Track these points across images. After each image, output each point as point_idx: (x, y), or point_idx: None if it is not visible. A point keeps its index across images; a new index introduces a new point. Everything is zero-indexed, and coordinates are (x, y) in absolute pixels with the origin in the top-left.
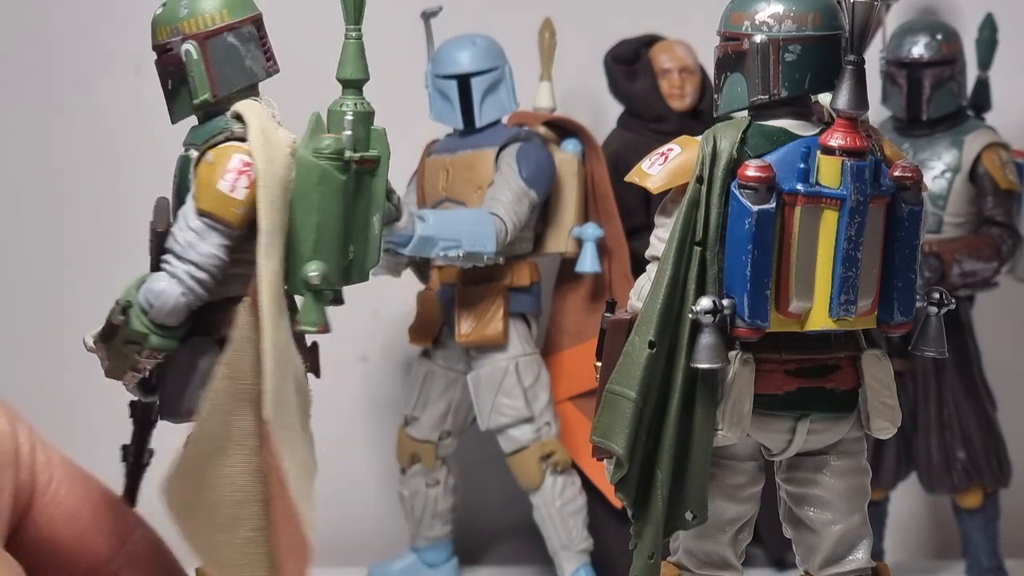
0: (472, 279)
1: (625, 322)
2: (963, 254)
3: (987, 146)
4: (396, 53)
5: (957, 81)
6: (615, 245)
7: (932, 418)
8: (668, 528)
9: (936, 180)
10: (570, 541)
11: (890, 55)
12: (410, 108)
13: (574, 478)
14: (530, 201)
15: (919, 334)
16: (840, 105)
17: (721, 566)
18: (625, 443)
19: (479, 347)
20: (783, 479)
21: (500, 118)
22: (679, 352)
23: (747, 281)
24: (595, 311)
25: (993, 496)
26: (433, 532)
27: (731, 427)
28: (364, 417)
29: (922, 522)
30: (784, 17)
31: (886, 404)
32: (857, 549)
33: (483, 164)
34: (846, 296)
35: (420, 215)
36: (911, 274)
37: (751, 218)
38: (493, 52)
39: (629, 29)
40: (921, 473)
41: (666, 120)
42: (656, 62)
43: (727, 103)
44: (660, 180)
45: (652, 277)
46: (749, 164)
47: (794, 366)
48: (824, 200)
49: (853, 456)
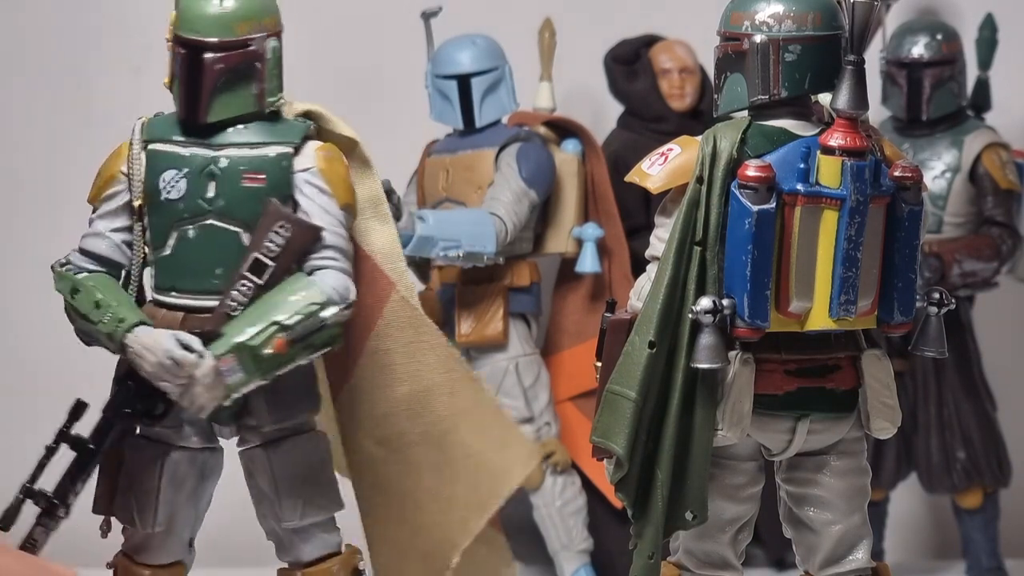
0: (472, 279)
1: (625, 322)
2: (963, 254)
3: (987, 146)
4: (396, 53)
5: (957, 81)
6: (615, 245)
7: (932, 418)
8: (668, 528)
9: (936, 180)
10: (570, 541)
11: (890, 55)
12: (410, 108)
13: (574, 478)
14: (530, 201)
15: (919, 334)
16: (840, 105)
17: (721, 566)
18: (625, 443)
19: (479, 347)
20: (783, 479)
21: (500, 118)
22: (679, 352)
23: (747, 281)
24: (595, 311)
25: (993, 496)
26: None
27: (731, 427)
28: None
29: (922, 522)
30: (784, 17)
31: (886, 404)
32: (857, 549)
33: (483, 164)
34: (846, 296)
35: (420, 215)
36: (911, 274)
37: (751, 218)
38: (493, 52)
39: (629, 29)
40: (921, 473)
41: (666, 120)
42: (656, 62)
43: (727, 103)
44: (660, 180)
45: (652, 277)
46: (749, 164)
47: (794, 366)
48: (824, 200)
49: (853, 456)
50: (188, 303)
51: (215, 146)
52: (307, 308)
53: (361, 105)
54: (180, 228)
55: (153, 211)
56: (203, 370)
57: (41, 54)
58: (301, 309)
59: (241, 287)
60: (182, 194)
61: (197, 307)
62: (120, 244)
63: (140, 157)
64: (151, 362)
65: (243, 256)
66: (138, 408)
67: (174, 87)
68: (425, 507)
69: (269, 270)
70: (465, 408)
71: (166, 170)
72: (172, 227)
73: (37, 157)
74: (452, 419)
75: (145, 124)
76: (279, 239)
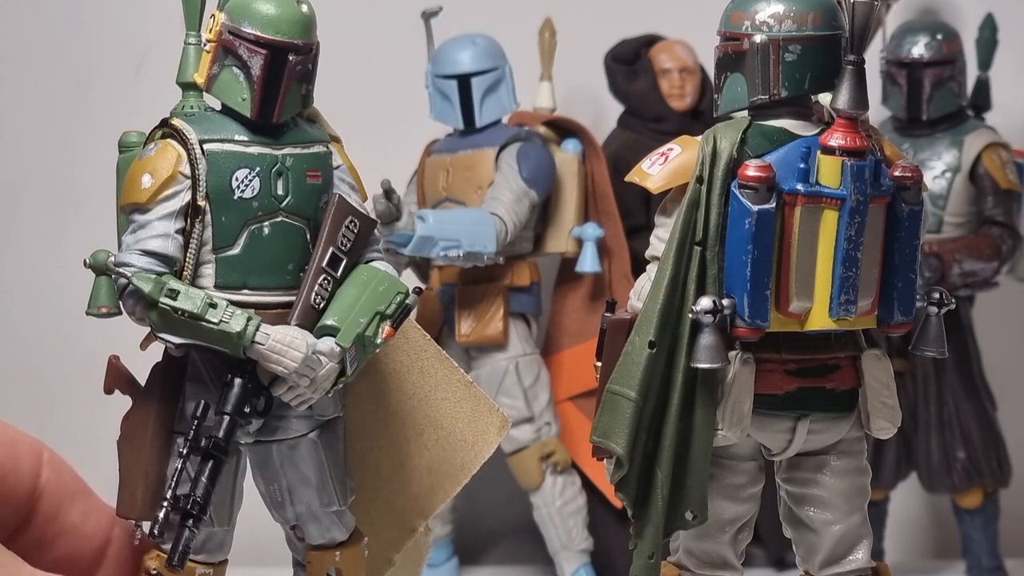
0: (472, 279)
1: (625, 322)
2: (963, 254)
3: (987, 146)
4: (396, 53)
5: (957, 81)
6: (615, 245)
7: (932, 418)
8: (668, 528)
9: (936, 180)
10: (570, 541)
11: (890, 55)
12: (410, 108)
13: (574, 478)
14: (530, 201)
15: (919, 334)
16: (840, 105)
17: (721, 566)
18: (625, 443)
19: (479, 347)
20: (783, 479)
21: (500, 118)
22: (679, 352)
23: (747, 281)
24: (595, 311)
25: (993, 496)
26: (433, 532)
27: (731, 427)
28: None
29: (922, 522)
30: (784, 17)
31: (886, 404)
32: (857, 549)
33: (483, 164)
34: (846, 296)
35: (420, 215)
36: (911, 274)
37: (751, 218)
38: (493, 52)
39: (629, 29)
40: (921, 473)
41: (666, 120)
42: (656, 62)
43: (727, 103)
44: (660, 180)
45: (652, 277)
46: (749, 164)
47: (794, 366)
48: (824, 200)
49: (853, 456)
50: (261, 300)
51: (276, 145)
52: (397, 297)
53: (361, 105)
54: (253, 226)
55: (222, 210)
56: (330, 366)
57: (41, 54)
58: (393, 299)
59: (324, 281)
60: (256, 192)
61: (271, 303)
62: (182, 245)
63: (202, 159)
64: (294, 358)
65: (314, 251)
66: (257, 406)
67: (221, 87)
68: (392, 477)
69: (343, 263)
70: (435, 384)
71: (238, 169)
72: (245, 225)
73: (37, 157)
74: (422, 396)
75: (184, 125)
76: (351, 233)
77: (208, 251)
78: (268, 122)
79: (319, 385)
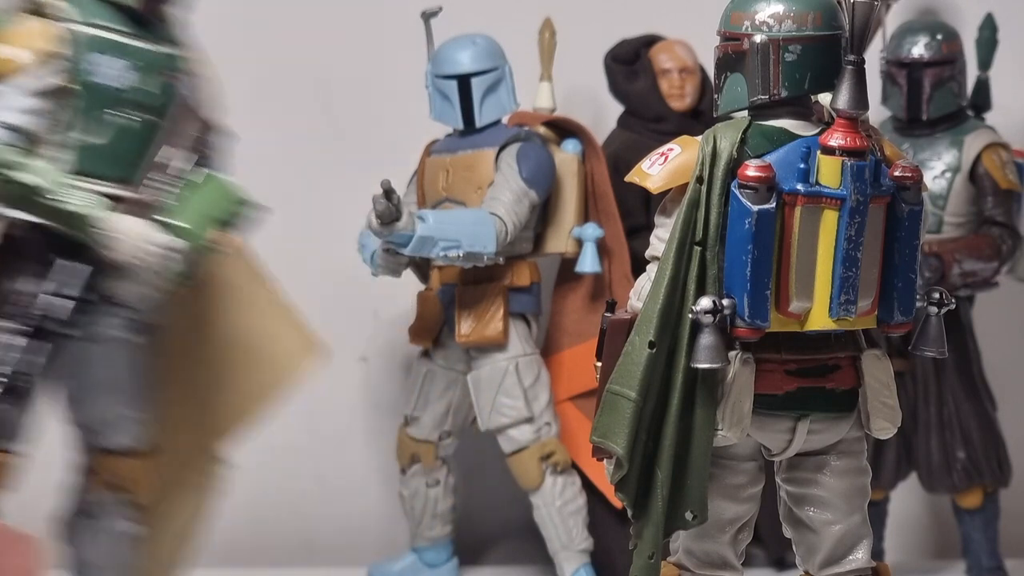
0: (472, 279)
1: (625, 322)
2: (963, 254)
3: (987, 146)
4: (396, 53)
5: (957, 81)
6: (615, 245)
7: (932, 418)
8: (668, 528)
9: (936, 180)
10: (570, 541)
11: (890, 55)
12: (410, 108)
13: (574, 478)
14: (530, 201)
15: (919, 334)
16: (840, 105)
17: (721, 566)
18: (625, 443)
19: (479, 347)
20: (783, 479)
21: (500, 118)
22: (679, 352)
23: (747, 281)
24: (595, 311)
25: (993, 496)
26: (433, 532)
27: (731, 427)
28: (364, 417)
29: (922, 522)
30: (784, 17)
31: (886, 404)
32: (857, 549)
33: (483, 164)
34: (846, 296)
35: (420, 215)
36: (911, 274)
37: (751, 218)
38: (493, 52)
39: (629, 29)
40: (921, 473)
41: (666, 120)
42: (656, 62)
43: (727, 103)
44: (660, 180)
45: (652, 277)
46: (749, 164)
47: (794, 366)
48: (824, 200)
49: (853, 456)
50: (111, 191)
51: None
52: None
53: (361, 105)
54: (117, 118)
55: (90, 98)
56: (172, 263)
57: None
58: (232, 206)
59: (170, 181)
60: (126, 84)
61: (118, 195)
62: (44, 125)
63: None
64: (148, 251)
65: (162, 150)
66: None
67: None
68: (194, 392)
69: (189, 166)
70: (245, 301)
71: (113, 58)
72: (106, 115)
73: None
74: (231, 311)
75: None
76: (197, 137)
77: (67, 137)
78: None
79: (158, 281)
